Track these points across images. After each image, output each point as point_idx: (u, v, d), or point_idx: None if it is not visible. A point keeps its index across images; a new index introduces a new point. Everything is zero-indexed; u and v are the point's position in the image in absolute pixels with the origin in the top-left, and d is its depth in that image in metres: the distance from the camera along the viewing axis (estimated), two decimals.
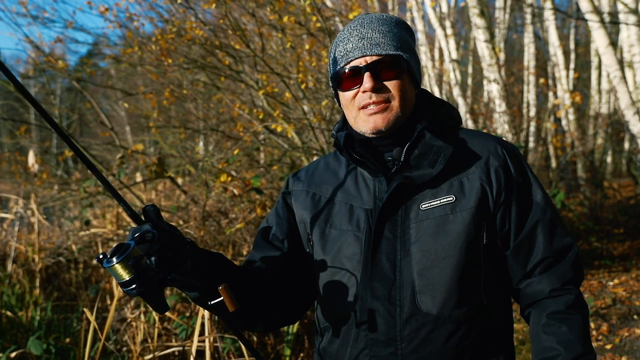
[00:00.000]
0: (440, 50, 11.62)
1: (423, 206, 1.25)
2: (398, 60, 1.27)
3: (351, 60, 1.27)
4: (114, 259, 0.94)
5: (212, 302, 1.10)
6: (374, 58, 1.26)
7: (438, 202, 1.25)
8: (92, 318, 2.84)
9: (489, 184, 1.26)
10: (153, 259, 0.98)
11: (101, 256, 0.97)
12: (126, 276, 0.95)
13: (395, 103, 1.27)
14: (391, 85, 1.26)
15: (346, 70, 1.28)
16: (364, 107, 1.27)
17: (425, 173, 1.25)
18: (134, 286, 0.96)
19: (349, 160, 1.34)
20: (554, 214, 1.30)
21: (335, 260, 1.30)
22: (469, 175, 1.27)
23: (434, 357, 1.21)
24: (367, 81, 1.25)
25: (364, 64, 1.26)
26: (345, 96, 1.30)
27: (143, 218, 1.04)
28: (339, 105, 1.37)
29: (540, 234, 1.27)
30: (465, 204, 1.24)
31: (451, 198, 1.25)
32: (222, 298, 1.08)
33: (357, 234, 1.28)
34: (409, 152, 1.28)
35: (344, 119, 1.39)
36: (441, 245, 1.22)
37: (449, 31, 9.95)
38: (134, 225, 5.70)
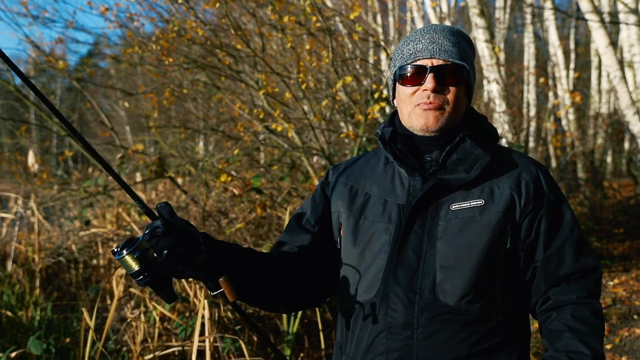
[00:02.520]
0: None
1: (453, 207, 1.34)
2: (461, 70, 1.35)
3: (418, 59, 1.35)
4: (124, 252, 1.06)
5: (214, 293, 1.19)
6: (441, 62, 1.34)
7: (468, 204, 1.33)
8: (89, 320, 2.84)
9: (519, 194, 1.35)
10: (165, 252, 1.07)
11: (115, 249, 1.07)
12: (135, 267, 1.05)
13: (449, 108, 1.35)
14: (450, 91, 1.34)
15: (412, 67, 1.35)
16: (420, 104, 1.34)
17: (461, 177, 1.33)
18: (141, 277, 1.06)
19: (389, 155, 1.41)
20: (581, 233, 1.38)
21: (365, 248, 1.38)
22: (500, 183, 1.36)
23: (446, 345, 1.28)
24: (429, 81, 1.32)
25: (430, 65, 1.33)
26: (404, 91, 1.37)
27: (157, 215, 1.13)
28: (393, 99, 1.45)
29: (568, 251, 1.35)
30: (493, 209, 1.33)
31: (481, 202, 1.33)
32: (222, 289, 1.16)
33: (388, 225, 1.37)
34: (447, 155, 1.36)
35: (392, 117, 1.47)
36: (465, 242, 1.30)
37: None
38: (134, 225, 5.67)
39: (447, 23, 10.01)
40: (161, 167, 4.93)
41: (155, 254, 1.07)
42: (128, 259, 1.04)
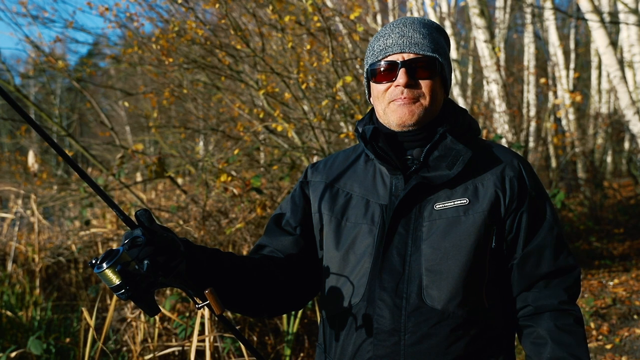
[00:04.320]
0: None
1: (437, 206, 1.30)
2: (433, 62, 1.31)
3: (389, 55, 1.32)
4: (104, 265, 0.99)
5: (199, 306, 1.13)
6: (412, 56, 1.30)
7: (452, 203, 1.30)
8: (89, 319, 2.84)
9: (503, 191, 1.31)
10: (146, 262, 1.02)
11: (93, 261, 1.01)
12: (116, 281, 0.99)
13: (424, 102, 1.31)
14: (424, 84, 1.31)
15: (383, 64, 1.32)
16: (394, 100, 1.31)
17: (443, 175, 1.29)
18: (123, 291, 0.99)
19: (370, 154, 1.37)
20: (561, 232, 1.35)
21: (348, 251, 1.34)
22: (484, 180, 1.32)
23: (434, 350, 1.25)
24: (401, 76, 1.29)
25: (401, 60, 1.30)
26: (378, 88, 1.34)
27: (136, 222, 1.07)
28: (369, 97, 1.41)
29: (547, 248, 1.32)
30: (478, 208, 1.29)
31: (465, 201, 1.30)
32: (209, 302, 1.11)
33: (371, 227, 1.33)
34: (429, 153, 1.33)
35: (371, 114, 1.43)
36: (451, 244, 1.27)
37: (449, 31, 9.94)
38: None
39: (447, 23, 10.02)
40: (161, 167, 4.93)
41: (136, 266, 1.02)
42: (108, 272, 0.98)
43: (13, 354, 3.47)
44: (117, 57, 8.12)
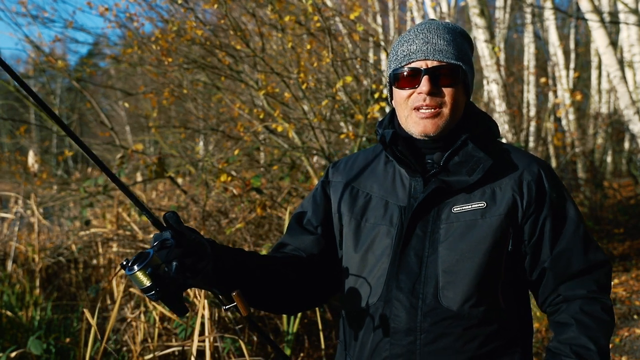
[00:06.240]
0: None
1: (455, 209, 1.32)
2: (457, 70, 1.32)
3: (412, 61, 1.32)
4: (135, 267, 1.02)
5: (227, 307, 1.17)
6: (435, 63, 1.31)
7: (470, 206, 1.32)
8: (91, 319, 2.84)
9: (520, 196, 1.33)
10: (174, 264, 1.06)
11: (124, 262, 1.04)
12: (146, 283, 1.03)
13: (446, 110, 1.32)
14: (446, 92, 1.32)
15: (406, 70, 1.33)
16: (417, 108, 1.32)
17: (462, 180, 1.31)
18: (153, 292, 1.03)
19: (390, 157, 1.39)
20: (586, 229, 1.37)
21: (367, 252, 1.37)
22: (502, 185, 1.34)
23: (449, 350, 1.28)
24: (424, 84, 1.30)
25: (424, 67, 1.31)
26: (400, 94, 1.35)
27: (164, 224, 1.10)
28: (391, 101, 1.42)
29: (576, 248, 1.34)
30: (495, 211, 1.31)
31: (482, 204, 1.32)
32: (235, 303, 1.14)
33: (390, 228, 1.35)
34: (449, 158, 1.35)
35: (391, 116, 1.45)
36: (467, 246, 1.29)
37: None
38: (134, 225, 5.65)
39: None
40: (161, 167, 4.93)
41: (165, 268, 1.05)
42: (139, 274, 1.02)
43: (13, 354, 3.47)
44: (117, 57, 8.11)
